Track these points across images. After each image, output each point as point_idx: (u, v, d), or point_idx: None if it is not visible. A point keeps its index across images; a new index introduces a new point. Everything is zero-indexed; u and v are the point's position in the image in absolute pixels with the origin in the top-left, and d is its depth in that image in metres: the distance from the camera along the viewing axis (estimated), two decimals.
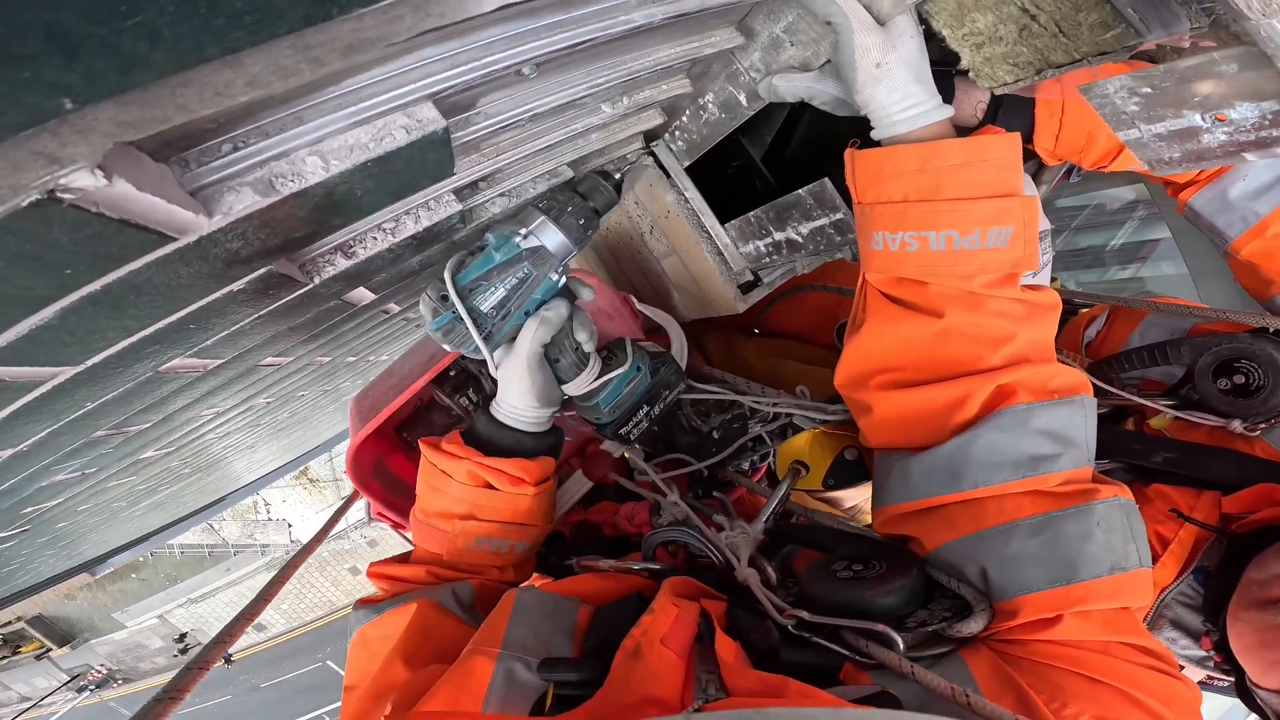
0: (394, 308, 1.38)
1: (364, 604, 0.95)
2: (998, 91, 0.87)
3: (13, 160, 0.29)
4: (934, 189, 0.76)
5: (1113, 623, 0.71)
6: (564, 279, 0.88)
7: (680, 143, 1.23)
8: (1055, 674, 0.68)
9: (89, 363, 0.63)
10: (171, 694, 0.70)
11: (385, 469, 1.23)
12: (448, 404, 1.24)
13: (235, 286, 0.62)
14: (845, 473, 1.16)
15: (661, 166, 1.27)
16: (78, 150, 0.29)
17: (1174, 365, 1.15)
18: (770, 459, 1.43)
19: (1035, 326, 0.81)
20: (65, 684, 17.38)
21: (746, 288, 1.39)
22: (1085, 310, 1.39)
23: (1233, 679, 1.02)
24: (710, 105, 1.09)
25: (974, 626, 0.73)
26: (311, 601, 17.52)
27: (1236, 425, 1.06)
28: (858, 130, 1.40)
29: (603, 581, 0.86)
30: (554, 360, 0.92)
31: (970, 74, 0.86)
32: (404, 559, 1.03)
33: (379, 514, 1.17)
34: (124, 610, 17.36)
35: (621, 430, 1.02)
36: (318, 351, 1.39)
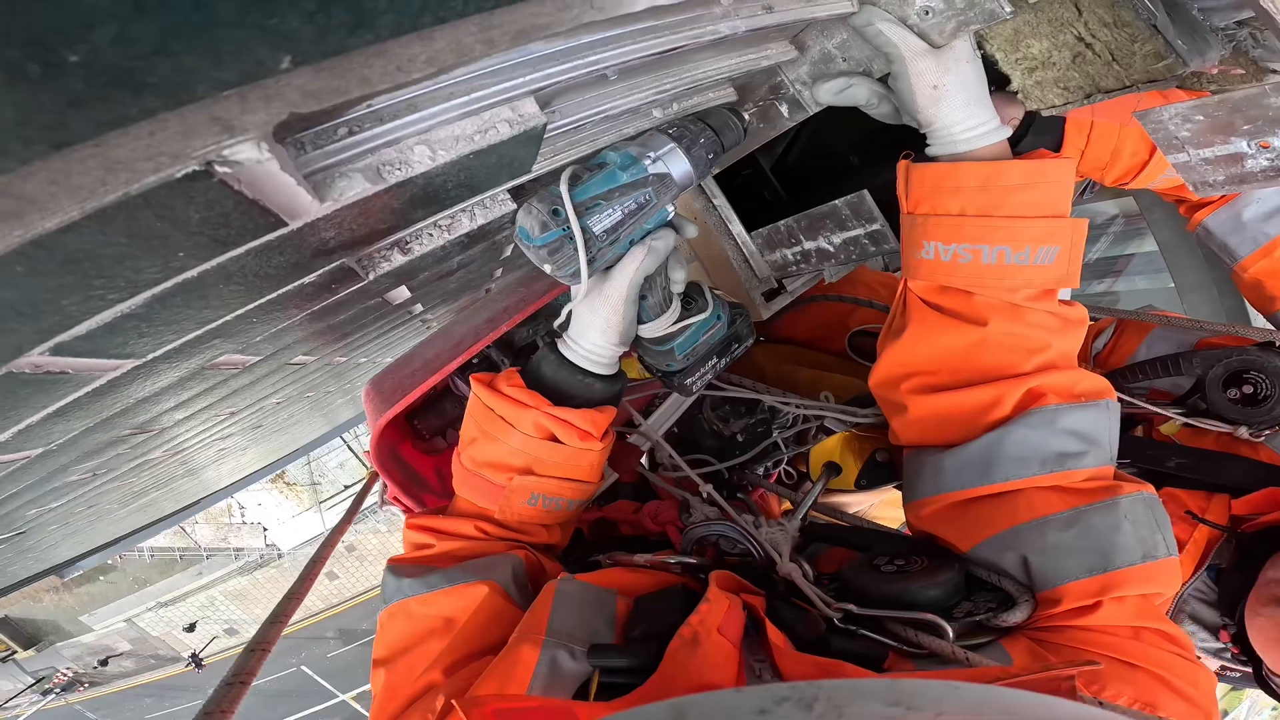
0: (418, 308, 1.36)
1: (404, 568, 0.86)
2: (1045, 113, 0.89)
3: (189, 124, 0.27)
4: (995, 206, 0.79)
5: (1143, 609, 0.76)
6: (674, 212, 0.82)
7: None
8: (1092, 658, 0.70)
9: (153, 355, 0.61)
10: (241, 678, 0.69)
11: (398, 456, 1.18)
12: (462, 394, 1.20)
13: (309, 279, 0.61)
14: (877, 474, 1.19)
15: None
16: (255, 119, 0.28)
17: (1184, 376, 1.21)
18: (784, 464, 1.44)
19: (1067, 338, 0.85)
20: (30, 686, 16.91)
21: (770, 294, 1.40)
22: (1092, 323, 1.45)
23: (1249, 669, 1.09)
24: (750, 115, 1.10)
25: (1019, 615, 0.76)
26: None
27: (1243, 432, 1.12)
28: (855, 143, 1.41)
29: (635, 575, 0.86)
30: (640, 296, 0.85)
31: (1019, 95, 0.88)
32: (442, 510, 0.95)
33: (394, 498, 1.11)
34: (91, 613, 16.92)
35: (688, 380, 0.95)
36: (339, 351, 1.37)
